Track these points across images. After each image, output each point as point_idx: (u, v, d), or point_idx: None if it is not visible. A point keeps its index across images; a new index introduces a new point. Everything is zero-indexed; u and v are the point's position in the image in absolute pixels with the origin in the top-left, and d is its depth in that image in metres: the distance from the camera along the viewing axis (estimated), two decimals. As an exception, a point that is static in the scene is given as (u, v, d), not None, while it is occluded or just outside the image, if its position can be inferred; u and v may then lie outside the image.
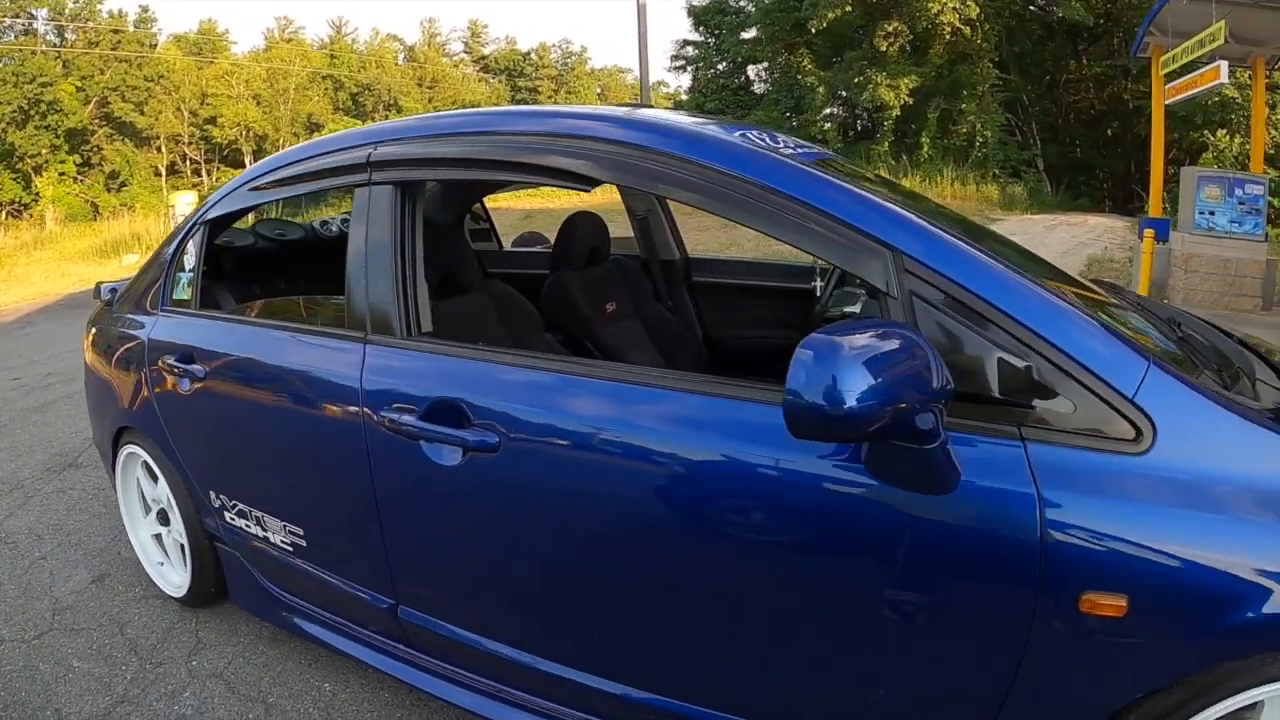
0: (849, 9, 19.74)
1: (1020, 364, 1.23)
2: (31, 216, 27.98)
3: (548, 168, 1.60)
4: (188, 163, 35.74)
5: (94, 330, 2.79)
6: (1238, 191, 8.17)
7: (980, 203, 18.17)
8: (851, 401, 1.04)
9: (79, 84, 31.69)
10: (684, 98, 29.24)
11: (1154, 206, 9.06)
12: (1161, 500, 1.16)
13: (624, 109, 1.79)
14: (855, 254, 1.35)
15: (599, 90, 47.23)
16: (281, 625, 2.25)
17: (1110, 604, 1.18)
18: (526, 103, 44.47)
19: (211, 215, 2.35)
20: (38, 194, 29.21)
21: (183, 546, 2.51)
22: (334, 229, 3.68)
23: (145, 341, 2.41)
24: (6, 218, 27.91)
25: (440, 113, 2.08)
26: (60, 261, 15.52)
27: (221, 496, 2.24)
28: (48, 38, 33.03)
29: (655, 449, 1.42)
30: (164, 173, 34.08)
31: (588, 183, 1.57)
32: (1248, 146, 18.23)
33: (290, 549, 2.08)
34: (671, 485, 1.42)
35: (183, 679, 2.24)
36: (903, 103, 19.81)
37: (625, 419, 1.46)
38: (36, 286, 12.27)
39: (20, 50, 30.16)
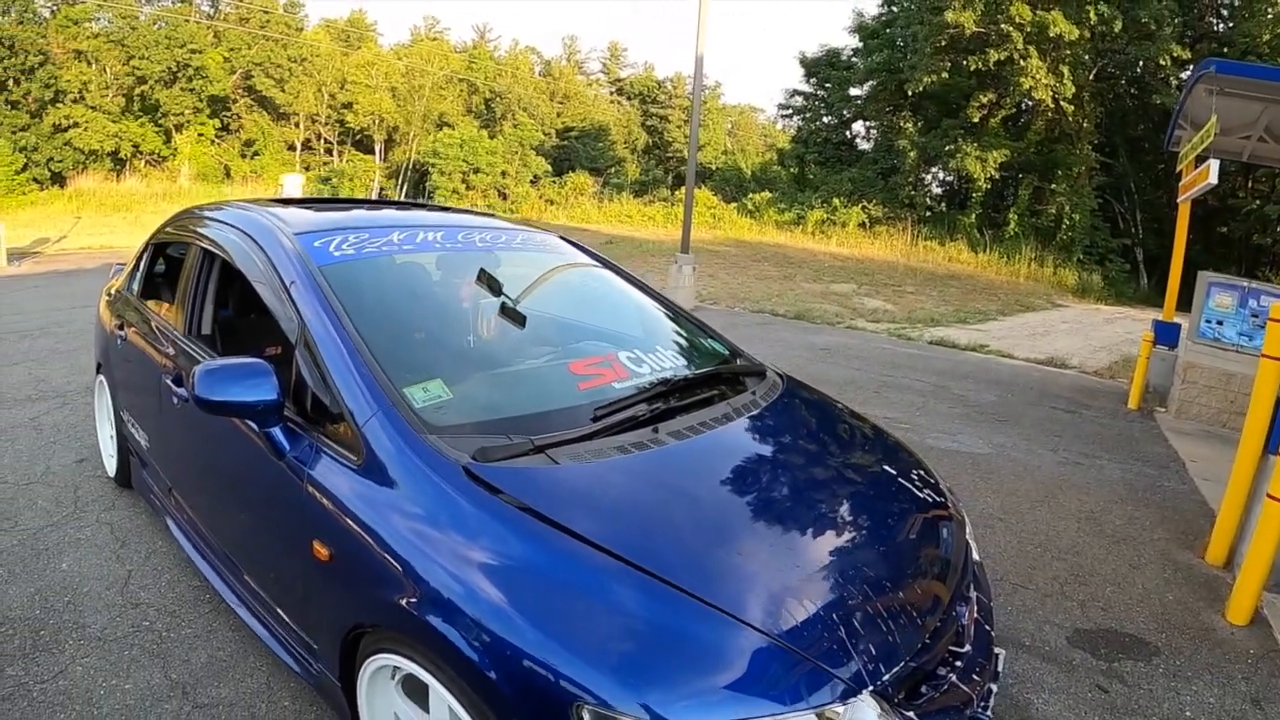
0: (945, 75, 19.74)
1: (328, 398, 1.99)
2: (167, 170, 29.84)
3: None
4: (321, 141, 36.45)
5: (104, 295, 3.93)
6: (1251, 303, 7.66)
7: (1052, 286, 17.59)
8: (208, 395, 1.91)
9: (226, 55, 32.79)
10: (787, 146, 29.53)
11: (1168, 309, 8.82)
12: (360, 495, 1.80)
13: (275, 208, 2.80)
14: (289, 320, 2.18)
15: (729, 126, 46.95)
16: (146, 500, 3.33)
17: (323, 551, 1.84)
18: (655, 129, 45.40)
19: (153, 242, 3.53)
20: (176, 150, 30.35)
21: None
22: None
23: (112, 309, 3.59)
24: (145, 166, 29.60)
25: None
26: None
27: (124, 411, 3.37)
28: (201, 7, 34.04)
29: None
30: (298, 147, 35.31)
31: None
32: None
33: (146, 447, 3.13)
34: (227, 432, 2.31)
35: (90, 521, 3.43)
36: (989, 176, 19.51)
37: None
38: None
39: (175, 15, 31.59)
